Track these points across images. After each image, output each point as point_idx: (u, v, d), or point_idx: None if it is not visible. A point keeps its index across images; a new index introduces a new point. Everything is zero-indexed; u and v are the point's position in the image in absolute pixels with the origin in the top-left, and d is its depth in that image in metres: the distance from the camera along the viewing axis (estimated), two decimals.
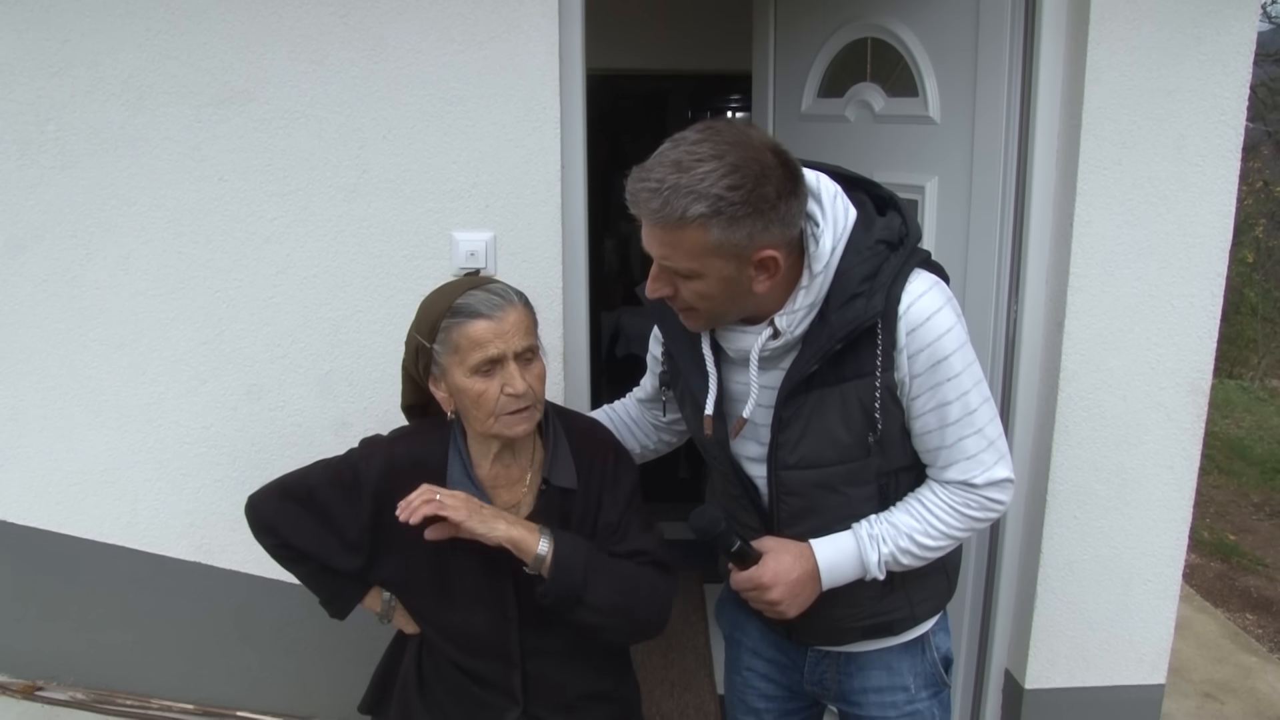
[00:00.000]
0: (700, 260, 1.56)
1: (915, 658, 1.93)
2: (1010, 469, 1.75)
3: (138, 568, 2.80)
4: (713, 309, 1.65)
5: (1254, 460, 7.14)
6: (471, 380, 1.73)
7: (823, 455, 1.73)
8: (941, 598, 1.94)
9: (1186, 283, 2.50)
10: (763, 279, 1.60)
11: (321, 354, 2.63)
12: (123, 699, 2.91)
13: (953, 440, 1.70)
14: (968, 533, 1.78)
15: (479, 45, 2.45)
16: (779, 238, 1.57)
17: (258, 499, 1.94)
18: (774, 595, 1.74)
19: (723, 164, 1.50)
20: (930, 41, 2.60)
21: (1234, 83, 2.39)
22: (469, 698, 1.92)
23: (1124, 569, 2.68)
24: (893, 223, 1.68)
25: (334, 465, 1.90)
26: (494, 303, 1.73)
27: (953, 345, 1.65)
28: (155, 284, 2.61)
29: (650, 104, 6.74)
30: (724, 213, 1.51)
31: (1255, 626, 4.53)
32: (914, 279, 1.66)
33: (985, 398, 1.70)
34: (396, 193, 2.53)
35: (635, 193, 1.56)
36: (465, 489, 1.81)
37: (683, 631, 3.95)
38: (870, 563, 1.74)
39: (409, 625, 1.97)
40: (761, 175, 1.52)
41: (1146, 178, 2.44)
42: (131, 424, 2.72)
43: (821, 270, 1.62)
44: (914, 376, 1.66)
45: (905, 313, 1.63)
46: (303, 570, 1.96)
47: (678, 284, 1.62)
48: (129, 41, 2.46)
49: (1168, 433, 2.59)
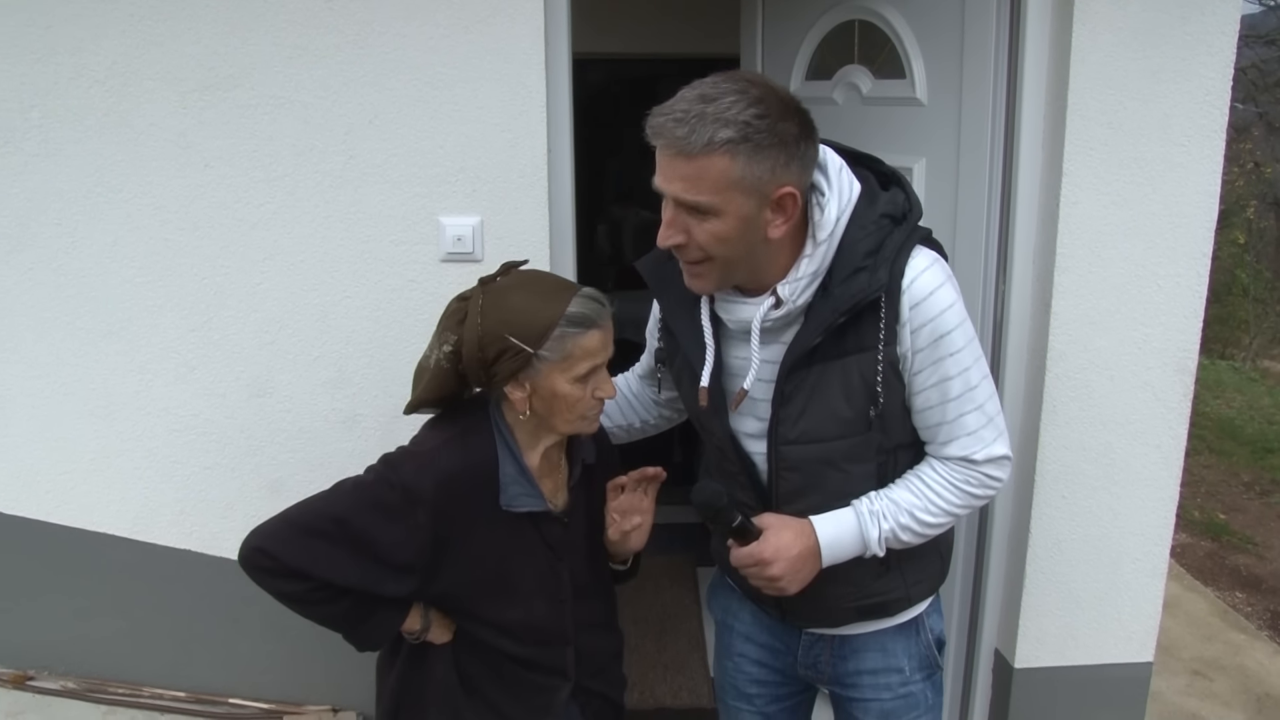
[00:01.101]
0: (722, 194, 1.55)
1: (910, 640, 1.93)
2: (1008, 447, 1.76)
3: (127, 556, 2.80)
4: (726, 256, 1.62)
5: (1245, 440, 7.16)
6: (573, 387, 1.74)
7: (824, 430, 1.72)
8: (935, 579, 1.94)
9: (1173, 262, 2.50)
10: (778, 223, 1.60)
11: (310, 340, 2.62)
12: (114, 687, 2.91)
13: (954, 416, 1.71)
14: (966, 510, 1.79)
15: (464, 29, 2.44)
16: (798, 178, 1.59)
17: (268, 544, 1.75)
18: (775, 571, 1.72)
19: (747, 96, 1.53)
20: (917, 24, 2.60)
21: (1219, 63, 2.39)
22: (524, 687, 1.93)
23: (1112, 548, 2.69)
24: (896, 198, 1.69)
25: (366, 488, 1.78)
26: (602, 313, 1.75)
27: (954, 320, 1.66)
28: (142, 271, 2.61)
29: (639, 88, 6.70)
30: (751, 140, 1.52)
31: (1244, 604, 4.55)
32: (916, 255, 1.66)
33: (985, 374, 1.72)
34: (383, 178, 2.53)
35: (659, 125, 1.57)
36: (520, 485, 1.82)
37: (676, 615, 3.96)
38: (871, 539, 1.74)
39: (444, 635, 1.91)
40: (784, 111, 1.55)
41: (1132, 158, 2.44)
42: (120, 412, 2.71)
43: (825, 239, 1.63)
44: (916, 351, 1.66)
45: (909, 287, 1.64)
46: (338, 609, 1.81)
47: (692, 228, 1.60)
48: (112, 27, 2.45)
49: (1155, 412, 2.60)
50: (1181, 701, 3.40)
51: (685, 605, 4.05)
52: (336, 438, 2.68)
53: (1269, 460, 6.70)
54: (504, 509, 1.80)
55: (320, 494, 1.80)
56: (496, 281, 1.79)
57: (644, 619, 3.93)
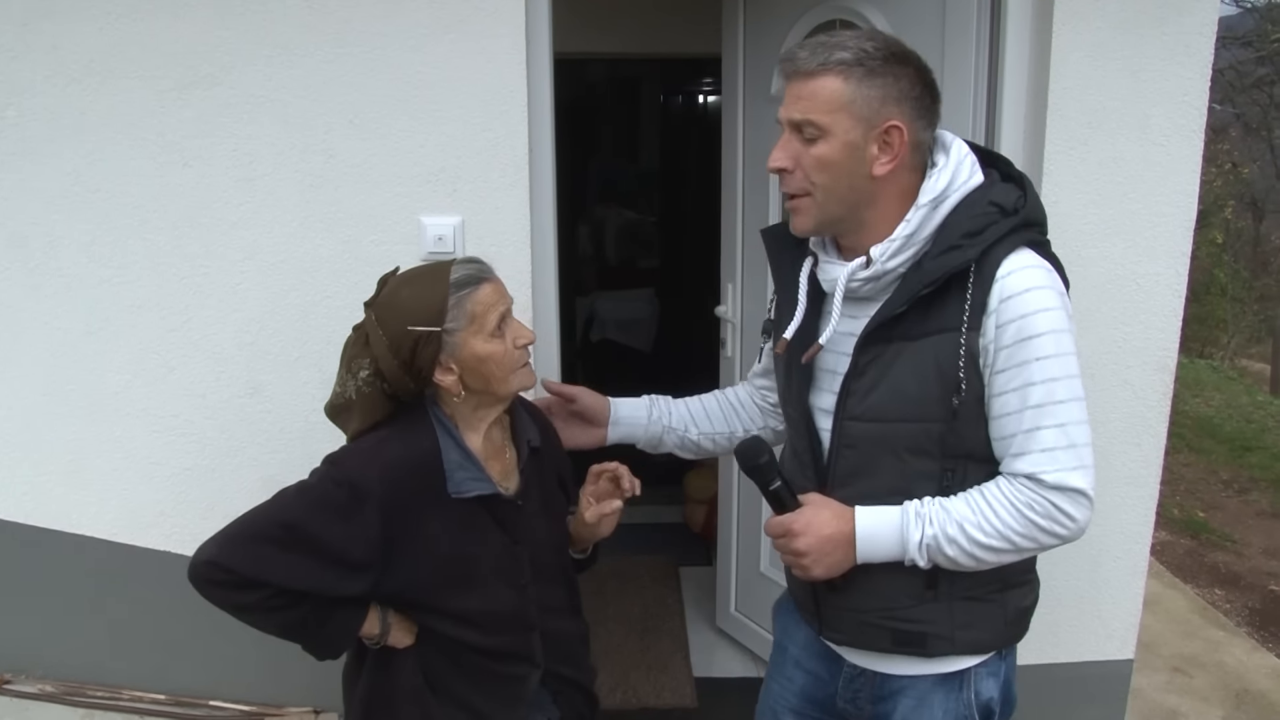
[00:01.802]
0: (832, 114, 1.59)
1: (950, 695, 1.78)
2: (1089, 484, 1.60)
3: (106, 558, 2.78)
4: (827, 188, 1.63)
5: (1223, 438, 7.22)
6: (491, 343, 1.77)
7: (891, 410, 1.66)
8: (992, 635, 1.77)
9: (1152, 262, 2.52)
10: (884, 160, 1.61)
11: (290, 340, 2.61)
12: (93, 691, 2.89)
13: (1029, 426, 1.59)
14: (1028, 542, 1.63)
15: (445, 28, 2.43)
16: (909, 118, 1.61)
17: (219, 557, 1.71)
18: (800, 544, 1.68)
19: (871, 34, 1.66)
20: (898, 23, 2.60)
21: (1197, 63, 2.41)
22: (491, 677, 1.92)
23: (1093, 546, 2.70)
24: (1010, 192, 1.67)
25: (311, 491, 1.77)
26: (483, 268, 1.80)
27: (1048, 325, 1.57)
28: (121, 271, 2.59)
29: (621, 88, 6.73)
30: (864, 64, 1.58)
31: (1223, 601, 4.59)
32: (1022, 252, 1.61)
33: (1076, 397, 1.59)
34: (363, 178, 2.52)
35: (789, 53, 1.64)
36: (466, 470, 1.82)
37: (658, 614, 3.96)
38: (911, 541, 1.64)
39: (405, 637, 1.89)
40: (904, 55, 1.63)
41: (1112, 158, 2.45)
42: (99, 413, 2.69)
43: (928, 205, 1.62)
44: (1000, 348, 1.58)
45: (1003, 278, 1.58)
46: (296, 615, 1.78)
47: (800, 155, 1.63)
48: (89, 25, 2.44)
49: (1135, 411, 2.61)
50: (1162, 698, 3.42)
51: (668, 604, 4.05)
52: (318, 438, 2.64)
53: (1247, 458, 6.76)
54: (453, 496, 1.81)
55: (265, 503, 1.78)
56: (379, 296, 1.83)
57: (627, 618, 3.93)
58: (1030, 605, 1.82)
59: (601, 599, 4.07)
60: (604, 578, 4.22)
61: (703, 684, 3.50)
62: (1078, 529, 1.62)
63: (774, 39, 3.01)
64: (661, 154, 6.82)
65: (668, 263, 6.62)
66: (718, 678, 3.55)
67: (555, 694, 2.02)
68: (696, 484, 4.64)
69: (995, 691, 1.79)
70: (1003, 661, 1.80)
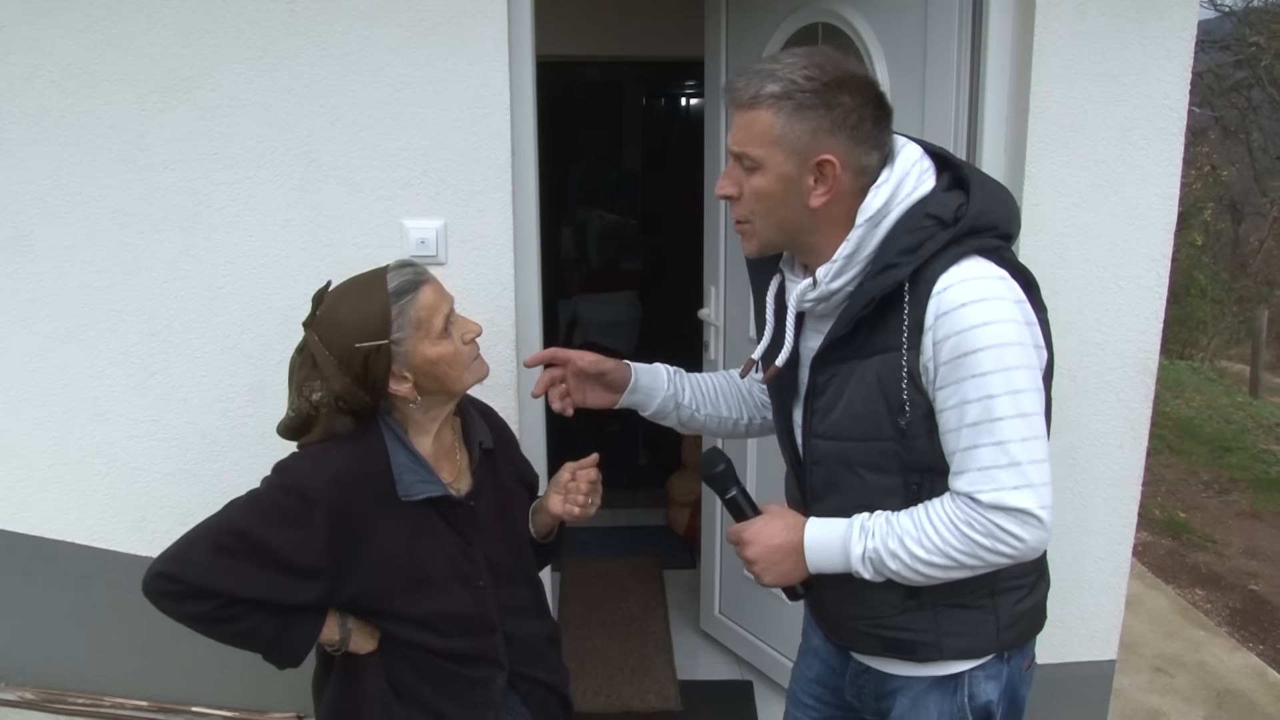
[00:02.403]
0: (765, 148, 1.58)
1: (944, 698, 1.77)
2: (1036, 503, 1.54)
3: (87, 564, 2.76)
4: (766, 216, 1.64)
5: (1203, 439, 7.26)
6: (441, 344, 1.78)
7: (846, 429, 1.66)
8: (983, 641, 1.74)
9: (1133, 264, 2.53)
10: (820, 191, 1.59)
11: (272, 344, 2.60)
12: (74, 697, 2.87)
13: (967, 444, 1.55)
14: (973, 560, 1.59)
15: (427, 30, 2.43)
16: (843, 149, 1.57)
17: (169, 568, 1.73)
18: (750, 553, 1.72)
19: (809, 60, 1.58)
20: (880, 26, 2.61)
21: (1177, 67, 2.42)
22: (456, 682, 1.92)
23: (1075, 547, 2.71)
24: (950, 201, 1.60)
25: (260, 499, 1.78)
26: (418, 272, 1.82)
27: (987, 340, 1.51)
28: (101, 275, 2.57)
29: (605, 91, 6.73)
30: (793, 98, 1.55)
31: (1204, 601, 4.61)
32: (965, 263, 1.55)
33: (1022, 413, 1.53)
34: (345, 180, 2.51)
35: (729, 81, 1.64)
36: (415, 473, 1.83)
37: (642, 617, 3.96)
38: (853, 554, 1.64)
39: (367, 644, 1.89)
40: (842, 81, 1.57)
41: (1093, 161, 2.46)
42: (79, 418, 2.68)
43: (866, 224, 1.59)
44: (939, 364, 1.55)
45: (939, 293, 1.54)
46: (249, 624, 1.78)
47: (742, 182, 1.63)
48: (69, 28, 2.42)
49: (1117, 413, 2.62)
50: (1144, 698, 3.43)
51: (651, 607, 4.04)
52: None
53: (1227, 459, 6.80)
54: (403, 499, 1.81)
55: (216, 512, 1.79)
56: (317, 315, 1.82)
57: (610, 621, 3.92)
58: (1030, 608, 1.79)
59: (585, 602, 4.07)
60: (587, 580, 4.21)
61: (686, 687, 3.49)
62: (1027, 549, 1.57)
63: (757, 42, 3.01)
64: (644, 157, 6.83)
65: (650, 265, 6.63)
66: (701, 680, 3.55)
67: (525, 696, 2.01)
68: (680, 487, 4.64)
69: (995, 694, 1.77)
70: (1005, 664, 1.78)
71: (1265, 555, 5.25)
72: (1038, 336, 1.60)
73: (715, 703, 3.43)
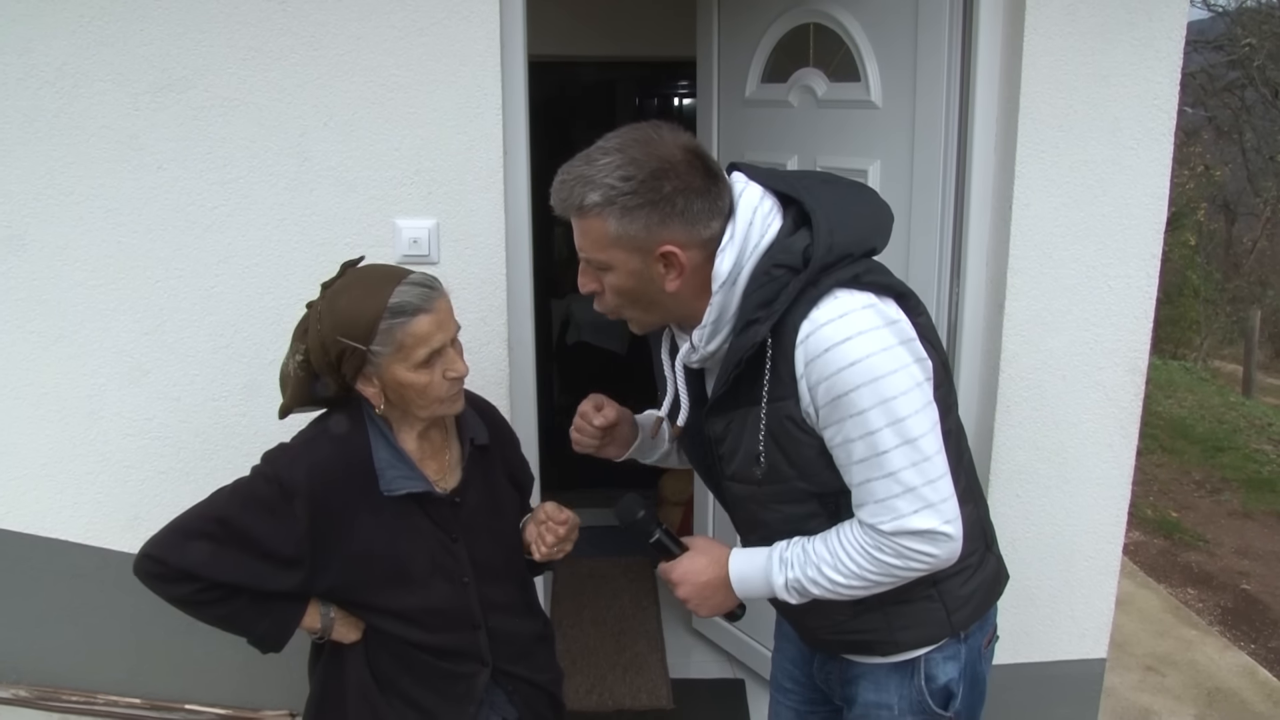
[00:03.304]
0: (606, 251, 1.60)
1: (903, 680, 1.83)
2: (939, 520, 1.57)
3: (80, 562, 2.76)
4: (633, 305, 1.67)
5: (1195, 439, 7.27)
6: (416, 374, 1.76)
7: (748, 473, 1.70)
8: (933, 628, 1.79)
9: (1123, 264, 2.54)
10: (671, 276, 1.61)
11: (265, 343, 2.60)
12: (68, 695, 2.87)
13: (860, 480, 1.59)
14: (888, 578, 1.64)
15: (420, 31, 2.43)
16: (681, 234, 1.57)
17: (156, 550, 1.81)
18: (681, 593, 1.78)
19: (623, 157, 1.56)
20: (871, 27, 2.62)
21: (1166, 67, 2.44)
22: (438, 675, 1.93)
23: (1065, 546, 2.73)
24: (794, 245, 1.58)
25: (244, 488, 1.83)
26: (428, 295, 1.76)
27: (859, 379, 1.52)
28: (94, 274, 2.58)
29: (597, 91, 6.73)
30: (616, 202, 1.55)
31: (1196, 601, 4.63)
32: (827, 302, 1.55)
33: (907, 439, 1.55)
34: (338, 180, 2.51)
35: (554, 189, 1.63)
36: (397, 469, 1.84)
37: (634, 616, 3.97)
38: (777, 584, 1.70)
39: (351, 633, 1.92)
40: (660, 171, 1.55)
41: (1083, 161, 2.48)
42: (72, 416, 2.68)
43: (721, 289, 1.60)
44: (818, 407, 1.58)
45: (803, 341, 1.55)
46: (231, 608, 1.84)
47: (599, 279, 1.66)
48: (62, 28, 2.42)
49: (1107, 412, 2.64)
50: (1135, 697, 3.45)
51: (644, 606, 4.05)
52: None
53: (1219, 459, 6.81)
54: (385, 494, 1.82)
55: (204, 499, 1.85)
56: (328, 289, 1.83)
57: (602, 620, 3.93)
58: (979, 585, 1.82)
59: (577, 601, 4.08)
60: (580, 579, 4.22)
61: (679, 685, 3.51)
62: (940, 562, 1.62)
63: (748, 42, 3.02)
64: None
65: None
66: (694, 679, 3.56)
67: (510, 693, 2.01)
68: (672, 486, 4.64)
69: (955, 673, 1.82)
70: (963, 644, 1.82)
71: (1257, 555, 5.27)
72: (918, 350, 1.59)
73: (707, 701, 3.44)
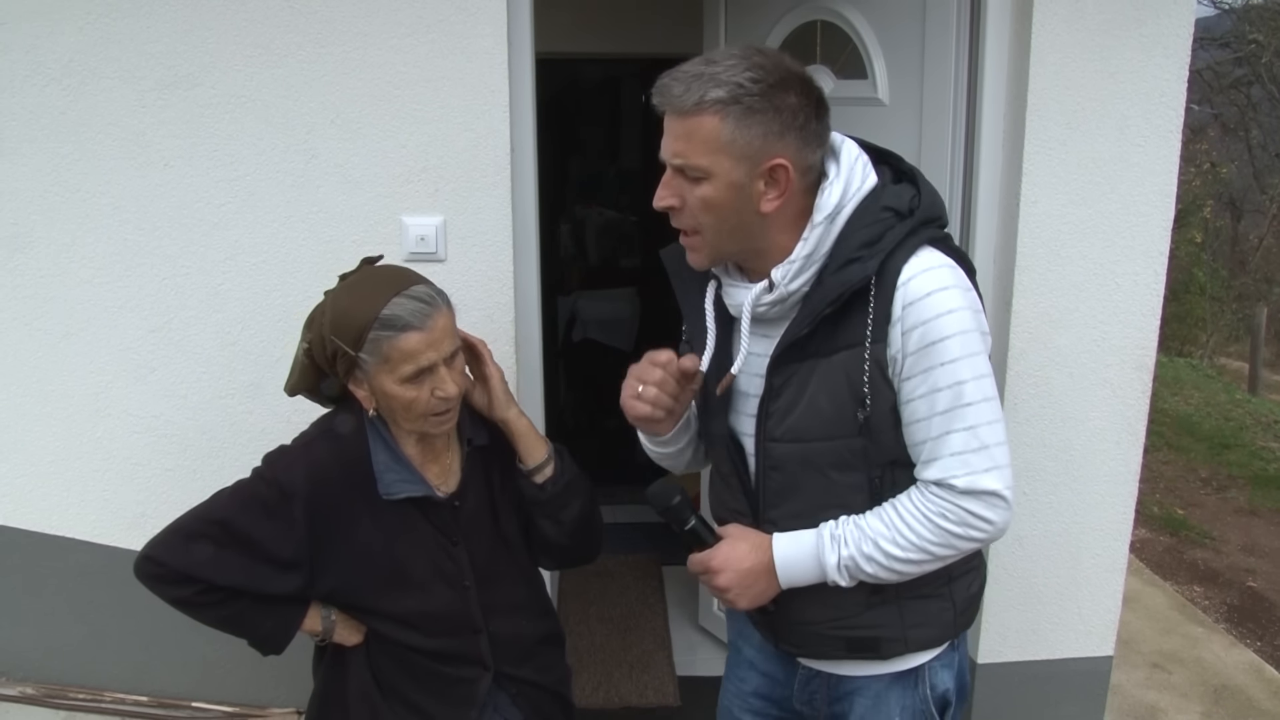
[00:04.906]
0: (712, 156, 1.53)
1: (906, 692, 1.77)
2: (1004, 484, 1.57)
3: (87, 559, 2.77)
4: (715, 226, 1.58)
5: (1202, 436, 7.26)
6: (402, 389, 1.73)
7: (808, 429, 1.63)
8: (943, 629, 1.76)
9: (1130, 261, 2.54)
10: (771, 196, 1.55)
11: (271, 341, 2.60)
12: (75, 693, 2.87)
13: (939, 432, 1.56)
14: (946, 550, 1.60)
15: (426, 28, 2.43)
16: (794, 151, 1.54)
17: (156, 552, 1.80)
18: (721, 581, 1.67)
19: (747, 61, 1.52)
20: (878, 24, 2.62)
21: (1174, 64, 2.43)
22: (439, 680, 1.92)
23: (1072, 543, 2.72)
24: (903, 193, 1.60)
25: (243, 490, 1.82)
26: (423, 312, 1.72)
27: (953, 328, 1.53)
28: (101, 272, 2.58)
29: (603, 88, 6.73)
30: (741, 102, 1.50)
31: (1202, 598, 4.62)
32: (922, 253, 1.57)
33: (986, 397, 1.56)
34: (345, 178, 2.51)
35: (661, 85, 1.55)
36: (396, 472, 1.83)
37: (640, 613, 3.97)
38: (829, 565, 1.62)
39: (352, 636, 1.91)
40: (785, 80, 1.52)
41: (1091, 158, 2.47)
42: (79, 414, 2.68)
43: (824, 222, 1.57)
44: (906, 355, 1.55)
45: (904, 284, 1.54)
46: (232, 610, 1.83)
47: (685, 193, 1.57)
48: (69, 25, 2.42)
49: (1114, 409, 2.63)
50: (1141, 694, 3.44)
51: (650, 603, 4.05)
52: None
53: (1225, 456, 6.80)
54: (384, 497, 1.82)
55: (204, 500, 1.84)
56: (341, 283, 1.83)
57: (609, 618, 3.93)
58: (977, 592, 1.81)
59: (584, 598, 4.08)
60: (587, 577, 4.22)
61: (685, 682, 3.51)
62: (995, 531, 1.60)
63: (755, 39, 3.01)
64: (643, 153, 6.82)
65: (649, 262, 6.61)
66: (700, 676, 3.55)
67: (514, 696, 1.99)
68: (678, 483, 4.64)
69: (951, 682, 1.80)
70: (955, 651, 1.81)
71: (1263, 552, 5.26)
72: (983, 323, 1.60)
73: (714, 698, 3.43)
